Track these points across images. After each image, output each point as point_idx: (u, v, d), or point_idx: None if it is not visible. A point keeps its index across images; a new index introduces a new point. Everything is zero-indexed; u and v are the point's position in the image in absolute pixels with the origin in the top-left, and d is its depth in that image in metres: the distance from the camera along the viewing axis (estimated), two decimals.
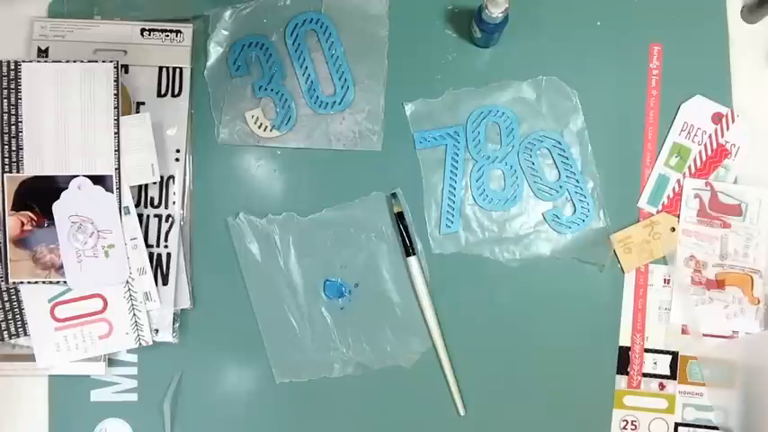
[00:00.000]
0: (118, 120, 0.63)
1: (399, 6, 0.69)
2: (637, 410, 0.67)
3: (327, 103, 0.68)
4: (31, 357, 0.63)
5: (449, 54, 0.69)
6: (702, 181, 0.68)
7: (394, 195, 0.67)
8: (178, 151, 0.66)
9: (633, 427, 0.67)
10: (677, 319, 0.68)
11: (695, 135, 0.69)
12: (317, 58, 0.69)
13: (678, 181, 0.68)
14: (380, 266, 0.67)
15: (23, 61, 0.62)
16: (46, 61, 0.63)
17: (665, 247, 0.68)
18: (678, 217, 0.68)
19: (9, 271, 0.62)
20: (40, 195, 0.62)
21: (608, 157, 0.68)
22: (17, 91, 0.62)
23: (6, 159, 0.62)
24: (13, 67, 0.62)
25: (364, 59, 0.69)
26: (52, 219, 0.62)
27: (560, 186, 0.68)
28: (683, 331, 0.68)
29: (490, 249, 0.68)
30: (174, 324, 0.65)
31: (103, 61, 0.63)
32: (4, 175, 0.62)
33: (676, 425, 0.67)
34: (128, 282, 0.63)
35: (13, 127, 0.62)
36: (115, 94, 0.63)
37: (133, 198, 0.63)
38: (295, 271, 0.67)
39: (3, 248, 0.62)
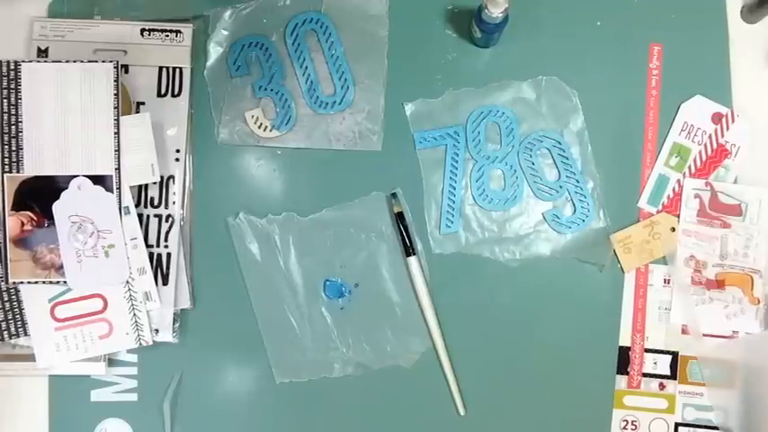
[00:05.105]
0: (118, 120, 0.63)
1: (399, 6, 0.69)
2: (637, 410, 0.67)
3: (327, 103, 0.68)
4: (31, 357, 0.63)
5: (449, 54, 0.69)
6: (702, 181, 0.68)
7: (394, 195, 0.67)
8: (178, 151, 0.66)
9: (633, 427, 0.67)
10: (677, 319, 0.68)
11: (695, 135, 0.69)
12: (317, 58, 0.69)
13: (678, 181, 0.68)
14: (380, 266, 0.67)
15: (23, 61, 0.62)
16: (46, 61, 0.63)
17: (665, 247, 0.68)
18: (678, 217, 0.68)
19: (9, 271, 0.62)
20: (40, 195, 0.62)
21: (608, 157, 0.68)
22: (17, 91, 0.62)
23: (6, 159, 0.62)
24: (13, 67, 0.62)
25: (364, 59, 0.69)
26: (52, 219, 0.62)
27: (560, 186, 0.68)
28: (683, 331, 0.68)
29: (490, 249, 0.68)
30: (174, 324, 0.65)
31: (103, 61, 0.63)
32: (4, 175, 0.62)
33: (676, 425, 0.67)
34: (128, 282, 0.63)
35: (13, 127, 0.62)
36: (115, 94, 0.63)
37: (133, 198, 0.63)
38: (295, 271, 0.67)
39: (3, 248, 0.62)
